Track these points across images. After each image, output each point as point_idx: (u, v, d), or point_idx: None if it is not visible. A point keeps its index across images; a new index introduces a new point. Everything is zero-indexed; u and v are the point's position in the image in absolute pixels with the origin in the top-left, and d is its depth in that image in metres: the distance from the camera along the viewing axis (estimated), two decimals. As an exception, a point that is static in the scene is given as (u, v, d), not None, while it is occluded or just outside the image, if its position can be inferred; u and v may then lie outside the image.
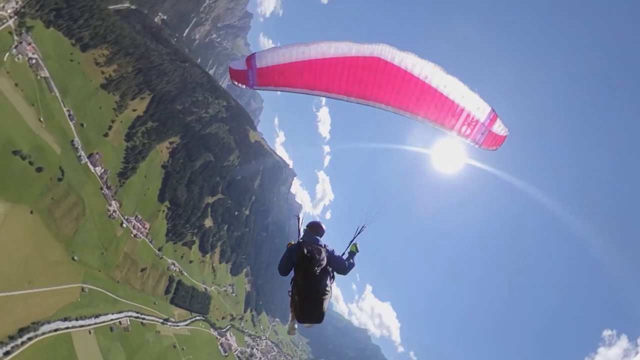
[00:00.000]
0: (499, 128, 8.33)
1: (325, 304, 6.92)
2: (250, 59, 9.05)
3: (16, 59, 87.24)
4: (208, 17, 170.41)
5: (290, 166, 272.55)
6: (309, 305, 6.81)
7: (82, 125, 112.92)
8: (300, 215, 8.44)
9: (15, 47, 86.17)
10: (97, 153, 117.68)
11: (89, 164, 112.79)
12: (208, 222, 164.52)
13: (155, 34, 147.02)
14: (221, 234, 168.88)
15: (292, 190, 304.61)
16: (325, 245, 7.41)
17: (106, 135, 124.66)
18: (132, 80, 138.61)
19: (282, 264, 7.30)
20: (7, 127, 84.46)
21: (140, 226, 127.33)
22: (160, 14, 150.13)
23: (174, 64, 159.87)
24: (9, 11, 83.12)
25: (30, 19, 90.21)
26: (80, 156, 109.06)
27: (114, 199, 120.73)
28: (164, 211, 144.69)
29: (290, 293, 7.21)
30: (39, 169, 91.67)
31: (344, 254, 7.93)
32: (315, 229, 7.75)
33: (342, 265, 7.47)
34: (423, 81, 7.94)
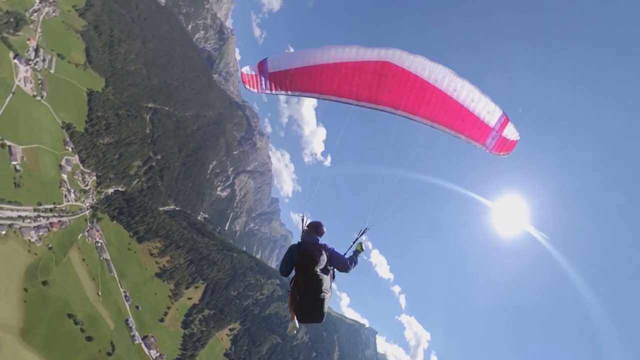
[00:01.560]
0: (509, 132, 8.42)
1: (326, 304, 7.18)
2: (262, 64, 9.58)
3: (87, 240, 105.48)
4: (242, 210, 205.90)
5: (367, 325, 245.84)
6: (310, 305, 7.09)
7: (137, 307, 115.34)
8: (304, 216, 8.61)
9: (87, 230, 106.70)
10: (152, 336, 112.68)
11: (143, 345, 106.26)
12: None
13: (200, 229, 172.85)
14: None
15: (380, 349, 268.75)
16: (325, 245, 7.62)
17: (162, 320, 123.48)
18: (185, 271, 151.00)
19: (283, 265, 7.49)
20: (68, 291, 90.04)
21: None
22: (201, 212, 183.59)
23: (221, 254, 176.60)
24: (86, 204, 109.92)
25: (100, 212, 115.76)
26: (134, 336, 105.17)
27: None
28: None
29: (289, 293, 7.54)
30: (89, 338, 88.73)
31: (346, 253, 8.09)
32: (315, 228, 7.94)
33: (343, 264, 7.66)
34: (433, 85, 8.22)
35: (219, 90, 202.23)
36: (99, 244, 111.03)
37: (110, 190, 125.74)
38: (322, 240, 7.87)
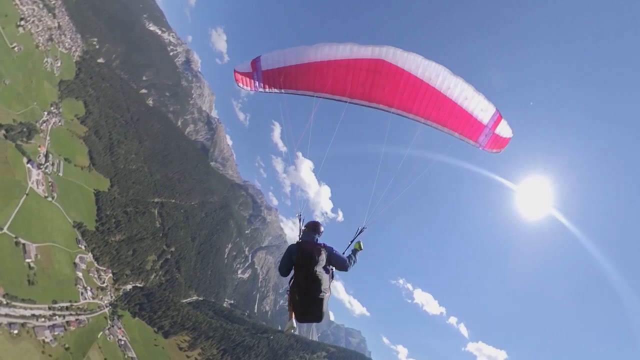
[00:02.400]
0: (502, 130, 8.56)
1: (325, 304, 7.25)
2: (256, 61, 9.64)
3: (108, 339, 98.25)
4: (268, 288, 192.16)
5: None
6: (309, 304, 7.12)
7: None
8: (302, 214, 8.60)
9: (108, 328, 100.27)
10: None
11: None
12: None
13: (228, 316, 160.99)
14: None
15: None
16: (324, 244, 7.72)
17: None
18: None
19: (282, 265, 7.56)
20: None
21: None
22: (226, 299, 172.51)
23: (256, 337, 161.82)
24: (105, 302, 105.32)
25: (120, 309, 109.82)
26: None
27: None
28: None
29: (288, 292, 7.62)
30: None
31: (344, 252, 8.21)
32: (313, 228, 8.03)
33: (342, 262, 7.77)
34: (427, 83, 8.31)
35: (218, 175, 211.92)
36: (122, 342, 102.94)
37: (129, 287, 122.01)
38: (320, 239, 7.89)
